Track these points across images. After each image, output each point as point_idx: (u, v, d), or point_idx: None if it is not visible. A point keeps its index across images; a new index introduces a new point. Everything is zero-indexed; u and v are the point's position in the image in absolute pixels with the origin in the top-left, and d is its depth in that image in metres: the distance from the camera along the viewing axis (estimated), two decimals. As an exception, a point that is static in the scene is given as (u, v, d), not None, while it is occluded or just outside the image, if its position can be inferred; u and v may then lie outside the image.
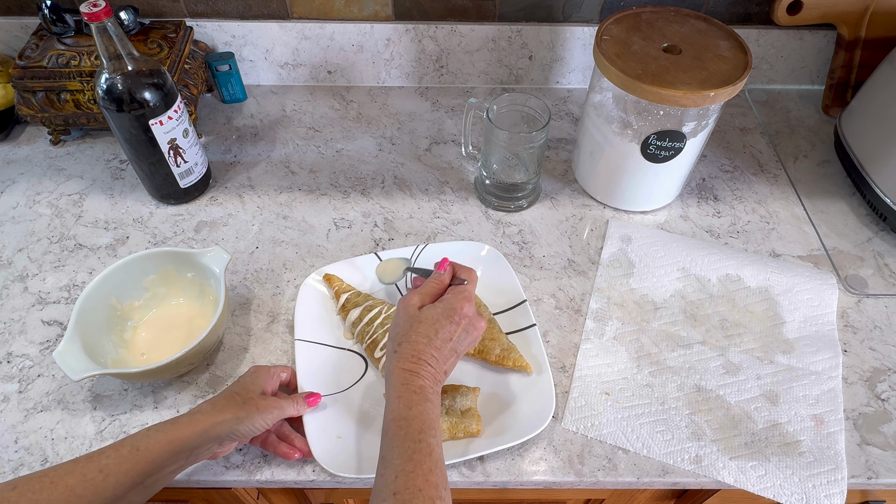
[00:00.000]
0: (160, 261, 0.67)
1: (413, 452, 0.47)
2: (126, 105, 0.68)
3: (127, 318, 0.67)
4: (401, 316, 0.55)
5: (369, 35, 0.93)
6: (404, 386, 0.50)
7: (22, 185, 0.83)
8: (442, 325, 0.53)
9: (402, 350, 0.52)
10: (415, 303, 0.55)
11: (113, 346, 0.64)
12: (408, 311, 0.55)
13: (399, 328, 0.54)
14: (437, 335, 0.53)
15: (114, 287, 0.65)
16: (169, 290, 0.69)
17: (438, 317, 0.54)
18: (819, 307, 0.71)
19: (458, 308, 0.55)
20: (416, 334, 0.53)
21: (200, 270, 0.67)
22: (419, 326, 0.53)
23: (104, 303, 0.64)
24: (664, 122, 0.70)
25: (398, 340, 0.53)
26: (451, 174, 0.87)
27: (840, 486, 0.58)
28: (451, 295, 0.56)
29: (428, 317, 0.54)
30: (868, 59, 0.89)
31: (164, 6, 0.89)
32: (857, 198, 0.84)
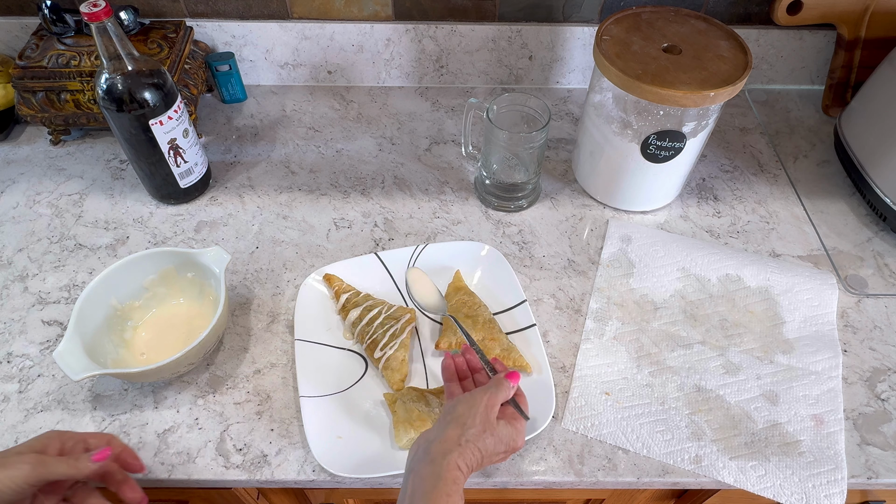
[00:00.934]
0: (160, 261, 0.67)
1: None
2: (126, 105, 0.68)
3: (127, 318, 0.67)
4: (480, 412, 0.52)
5: (369, 35, 0.93)
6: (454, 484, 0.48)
7: (22, 185, 0.83)
8: (497, 451, 0.52)
9: (469, 449, 0.50)
10: (493, 405, 0.53)
11: (113, 346, 0.64)
12: (488, 413, 0.52)
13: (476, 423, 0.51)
14: (490, 456, 0.52)
15: (114, 287, 0.65)
16: (169, 290, 0.69)
17: (502, 439, 0.52)
18: (819, 307, 0.71)
19: (516, 445, 0.54)
20: (483, 439, 0.51)
21: (200, 270, 0.67)
22: (489, 439, 0.51)
23: (104, 303, 0.64)
24: (664, 122, 0.70)
25: (466, 436, 0.50)
26: (451, 174, 0.87)
27: (840, 486, 0.58)
28: (521, 426, 0.55)
29: (499, 434, 0.52)
30: (868, 59, 0.89)
31: (164, 6, 0.89)
32: (857, 198, 0.84)
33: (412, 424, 0.58)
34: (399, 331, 0.65)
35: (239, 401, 0.63)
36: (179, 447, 0.60)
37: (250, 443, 0.60)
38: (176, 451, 0.60)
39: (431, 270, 0.73)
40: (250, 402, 0.63)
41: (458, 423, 0.51)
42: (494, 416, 0.53)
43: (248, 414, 0.62)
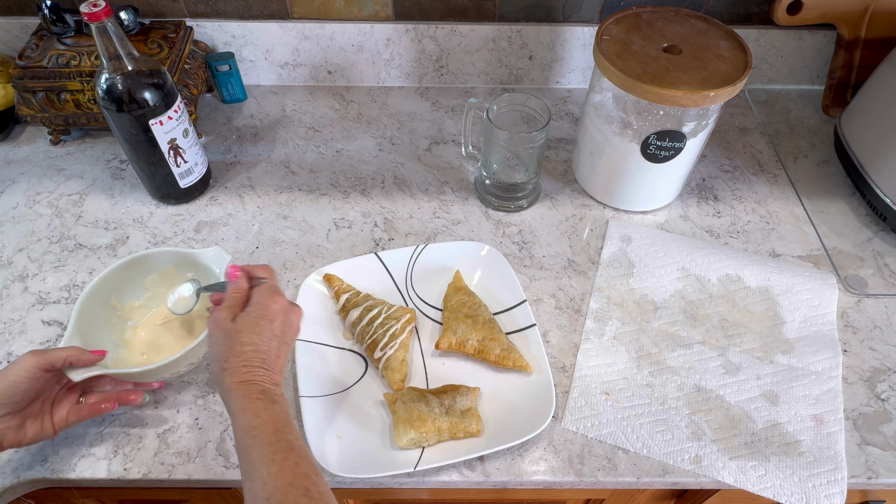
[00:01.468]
0: (160, 261, 0.67)
1: (273, 454, 0.46)
2: (126, 105, 0.68)
3: (127, 317, 0.67)
4: (216, 334, 0.52)
5: (369, 35, 0.93)
6: (245, 398, 0.49)
7: (22, 185, 0.83)
8: (262, 327, 0.52)
9: (231, 364, 0.50)
10: (225, 317, 0.53)
11: (113, 345, 0.64)
12: (221, 326, 0.52)
13: (220, 346, 0.52)
14: (260, 338, 0.52)
15: (114, 287, 0.65)
16: (169, 290, 0.69)
17: (255, 319, 0.52)
18: (819, 307, 0.71)
19: (269, 304, 0.53)
20: (240, 345, 0.51)
21: (201, 270, 0.67)
22: (239, 336, 0.51)
23: (104, 303, 0.64)
24: (664, 122, 0.70)
25: (223, 358, 0.51)
26: (451, 174, 0.87)
27: (840, 486, 0.58)
28: (258, 295, 0.54)
29: (245, 324, 0.52)
30: (868, 59, 0.89)
31: (164, 6, 0.89)
32: (857, 198, 0.84)
33: (412, 424, 0.58)
34: (399, 331, 0.65)
35: (239, 401, 0.63)
36: (179, 447, 0.60)
37: (250, 443, 0.60)
38: (176, 451, 0.60)
39: (431, 270, 0.73)
40: (250, 402, 0.63)
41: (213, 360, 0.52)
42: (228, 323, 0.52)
43: (248, 414, 0.62)
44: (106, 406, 0.57)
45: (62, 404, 0.56)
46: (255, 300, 0.54)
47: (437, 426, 0.58)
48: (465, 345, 0.65)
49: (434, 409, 0.60)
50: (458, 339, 0.66)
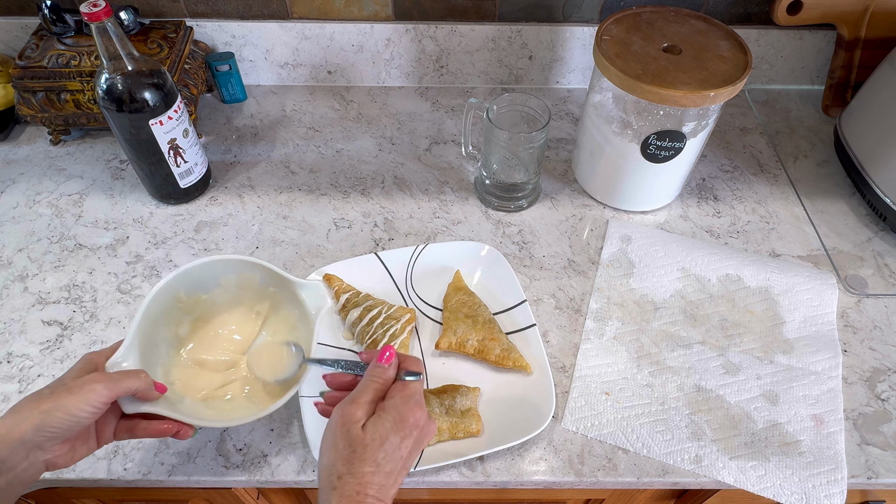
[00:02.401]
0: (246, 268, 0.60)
1: None
2: (126, 105, 0.68)
3: (188, 311, 0.61)
4: (338, 434, 0.44)
5: (369, 35, 0.93)
6: None
7: (22, 185, 0.83)
8: (392, 445, 0.44)
9: (344, 484, 0.42)
10: (358, 419, 0.45)
11: (165, 344, 0.58)
12: (348, 429, 0.44)
13: (337, 454, 0.44)
14: (386, 459, 0.44)
15: (186, 282, 0.59)
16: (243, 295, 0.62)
17: (387, 434, 0.44)
18: (819, 307, 0.71)
19: (408, 419, 0.45)
20: (362, 463, 0.43)
21: (289, 298, 0.61)
22: (364, 452, 0.43)
23: (172, 294, 0.58)
24: (664, 122, 0.70)
25: (337, 473, 0.43)
26: (451, 174, 0.87)
27: (840, 486, 0.58)
28: (400, 399, 0.46)
29: (375, 438, 0.44)
30: (868, 59, 0.89)
31: (164, 6, 0.89)
32: (857, 198, 0.84)
33: (412, 424, 0.58)
34: (399, 331, 0.65)
35: (239, 401, 0.63)
36: (179, 447, 0.60)
37: (250, 443, 0.60)
38: (176, 451, 0.60)
39: (431, 270, 0.73)
40: (250, 402, 0.63)
41: (323, 464, 0.45)
42: (357, 429, 0.44)
43: (248, 414, 0.62)
44: (167, 428, 0.51)
45: (107, 420, 0.50)
46: (392, 404, 0.46)
47: (437, 426, 0.58)
48: (465, 345, 0.65)
49: (434, 409, 0.60)
50: (458, 339, 0.66)
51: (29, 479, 0.45)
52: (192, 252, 0.76)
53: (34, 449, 0.44)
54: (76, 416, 0.45)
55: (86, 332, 0.68)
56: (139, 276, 0.73)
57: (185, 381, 0.58)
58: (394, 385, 0.48)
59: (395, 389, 0.47)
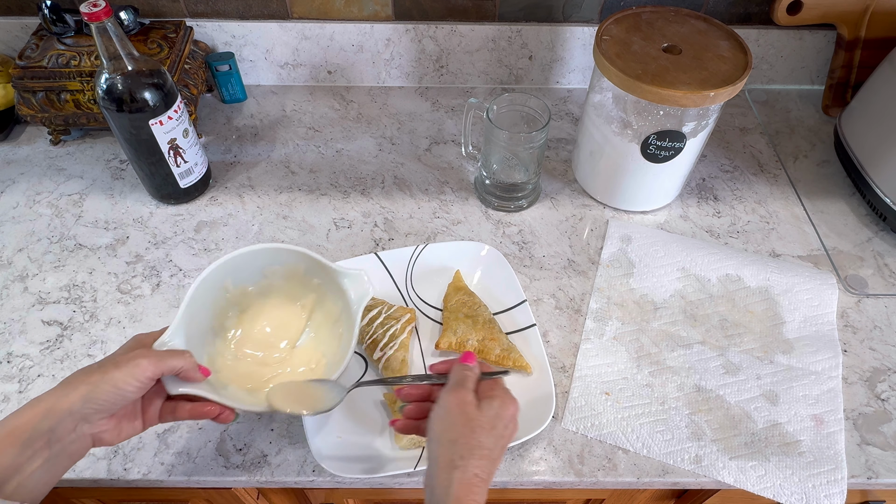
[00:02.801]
0: (292, 259, 0.60)
1: None
2: (126, 105, 0.68)
3: (235, 302, 0.61)
4: (455, 414, 0.47)
5: (369, 35, 0.93)
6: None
7: (22, 185, 0.83)
8: (498, 430, 0.48)
9: (466, 465, 0.45)
10: (472, 401, 0.48)
11: (212, 334, 0.59)
12: (466, 410, 0.47)
13: (455, 433, 0.46)
14: (496, 444, 0.47)
15: (234, 269, 0.58)
16: (288, 286, 0.62)
17: (494, 419, 0.48)
18: (819, 307, 0.71)
19: (508, 405, 0.49)
20: (479, 446, 0.46)
21: (332, 287, 0.60)
22: (480, 433, 0.46)
23: (219, 284, 0.58)
24: (664, 122, 0.70)
25: (459, 453, 0.46)
26: (451, 174, 0.87)
27: (840, 486, 0.58)
28: (500, 391, 0.50)
29: (487, 418, 0.47)
30: (868, 59, 0.89)
31: (164, 6, 0.89)
32: (857, 198, 0.84)
33: (412, 424, 0.58)
34: (399, 331, 0.65)
35: (239, 401, 0.63)
36: (179, 447, 0.60)
37: (250, 443, 0.60)
38: (176, 452, 0.60)
39: (431, 270, 0.73)
40: (250, 402, 0.63)
41: (444, 444, 0.47)
42: (474, 409, 0.48)
43: (247, 414, 0.62)
44: (210, 409, 0.51)
45: (153, 401, 0.51)
46: (496, 394, 0.49)
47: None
48: (465, 345, 0.65)
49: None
50: (458, 339, 0.66)
51: (76, 454, 0.46)
52: (192, 252, 0.76)
53: (81, 421, 0.45)
54: (122, 390, 0.46)
55: (86, 333, 0.68)
56: (139, 276, 0.73)
57: (231, 371, 0.58)
58: (485, 382, 0.51)
59: (490, 384, 0.51)
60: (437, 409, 0.49)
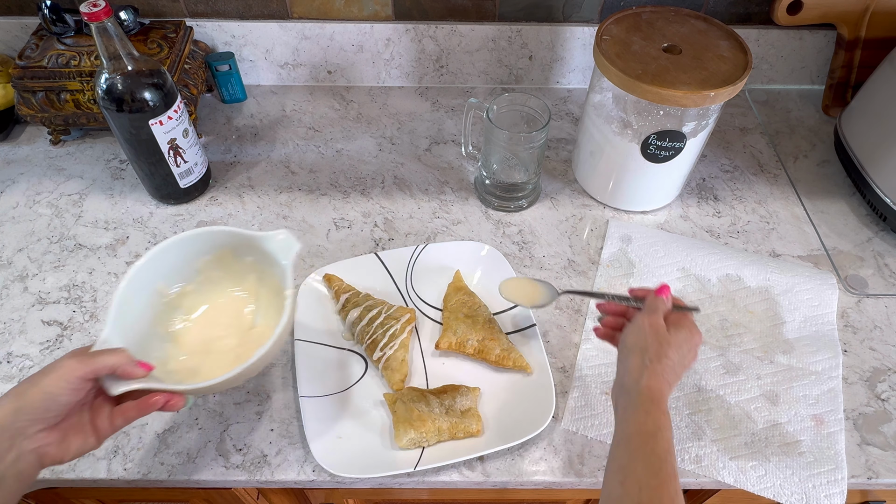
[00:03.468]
0: (216, 242, 0.60)
1: (659, 470, 0.46)
2: (126, 105, 0.68)
3: (176, 305, 0.60)
4: (649, 334, 0.53)
5: (369, 35, 0.93)
6: (654, 404, 0.49)
7: (22, 185, 0.83)
8: (684, 352, 0.53)
9: (655, 369, 0.51)
10: (662, 324, 0.54)
11: (159, 339, 0.58)
12: (658, 330, 0.53)
13: (648, 344, 0.53)
14: (681, 361, 0.53)
15: (161, 270, 0.57)
16: (225, 274, 0.62)
17: (683, 341, 0.53)
18: (819, 307, 0.71)
19: (694, 334, 0.55)
20: (666, 356, 0.52)
21: (262, 256, 0.60)
22: (669, 348, 0.52)
23: (149, 288, 0.57)
24: (664, 122, 0.70)
25: (650, 357, 0.52)
26: (451, 174, 0.87)
27: (840, 486, 0.58)
28: (688, 321, 0.56)
29: (676, 339, 0.53)
30: (868, 59, 0.89)
31: (164, 6, 0.89)
32: (857, 198, 0.84)
33: (412, 424, 0.58)
34: (399, 331, 0.65)
35: (239, 401, 0.63)
36: (179, 447, 0.60)
37: (250, 443, 0.60)
38: (176, 451, 0.60)
39: (431, 270, 0.73)
40: (250, 402, 0.63)
41: (636, 352, 0.53)
42: (664, 330, 0.53)
43: (248, 414, 0.62)
44: (155, 400, 0.49)
45: (101, 410, 0.49)
46: (684, 324, 0.55)
47: (437, 426, 0.58)
48: (465, 345, 0.65)
49: (434, 409, 0.60)
50: (458, 339, 0.66)
51: (23, 475, 0.44)
52: (192, 252, 0.76)
53: (17, 436, 0.44)
54: (51, 394, 0.45)
55: (85, 332, 0.68)
56: (139, 276, 0.73)
57: (187, 372, 0.57)
58: (675, 314, 0.56)
59: (678, 316, 0.56)
60: (632, 326, 0.55)
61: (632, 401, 0.50)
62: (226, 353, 0.60)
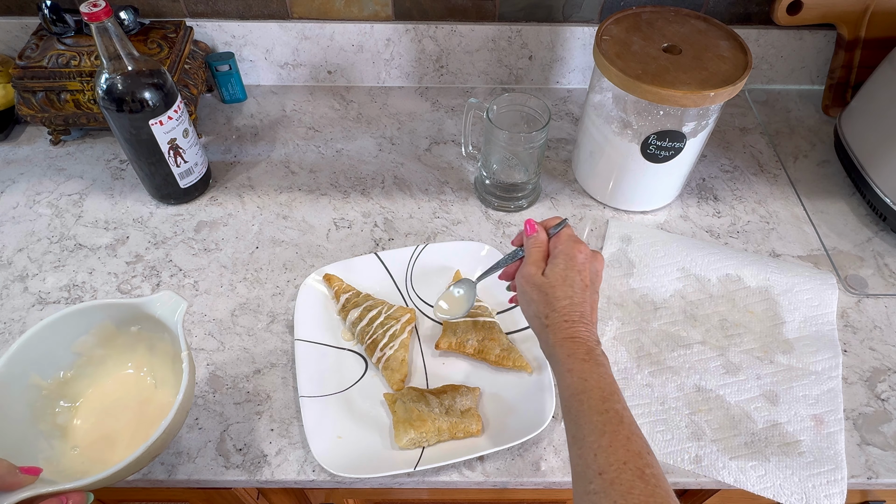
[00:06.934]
0: (90, 318, 0.54)
1: (603, 424, 0.44)
2: (126, 105, 0.68)
3: (58, 395, 0.54)
4: (529, 291, 0.52)
5: (369, 35, 0.93)
6: (571, 356, 0.47)
7: (22, 185, 0.83)
8: (572, 279, 0.51)
9: (552, 321, 0.49)
10: (533, 272, 0.52)
11: (45, 438, 0.52)
12: (533, 281, 0.52)
13: (535, 303, 0.51)
14: (573, 290, 0.50)
15: (31, 361, 0.51)
16: (109, 352, 0.57)
17: (564, 272, 0.51)
18: (819, 307, 0.71)
19: (575, 254, 0.52)
20: (555, 299, 0.50)
21: (148, 322, 0.55)
22: (553, 290, 0.50)
23: (22, 383, 0.51)
24: (664, 122, 0.70)
25: (543, 314, 0.50)
26: (451, 174, 0.87)
27: (840, 486, 0.58)
28: (562, 246, 0.53)
29: (555, 277, 0.51)
30: (868, 59, 0.89)
31: (164, 6, 0.89)
32: (857, 198, 0.84)
33: (412, 424, 0.58)
34: (399, 331, 0.65)
35: (239, 401, 0.63)
36: (179, 447, 0.60)
37: (250, 443, 0.60)
38: (176, 451, 0.60)
39: (431, 270, 0.73)
40: (250, 402, 0.63)
41: (530, 318, 0.53)
42: (538, 277, 0.52)
43: (248, 414, 0.62)
44: None
45: None
46: (559, 251, 0.53)
47: (437, 426, 0.58)
48: (464, 345, 0.65)
49: (434, 409, 0.60)
50: (457, 339, 0.66)
51: None
52: (192, 252, 0.76)
53: None
54: None
55: (86, 332, 0.68)
56: (139, 277, 0.73)
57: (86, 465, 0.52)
58: (550, 241, 0.55)
59: (553, 242, 0.55)
60: (518, 294, 0.55)
61: (554, 367, 0.49)
62: (126, 436, 0.55)
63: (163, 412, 0.49)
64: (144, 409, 0.57)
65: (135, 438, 0.55)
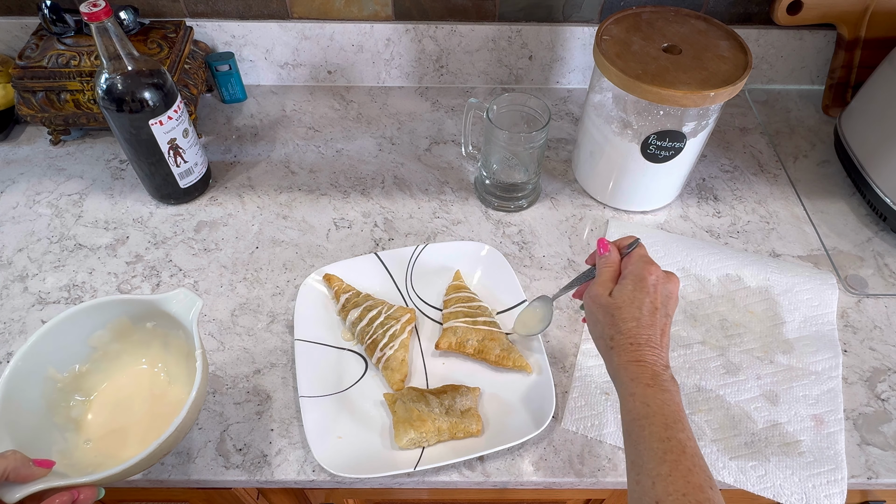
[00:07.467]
0: (109, 314, 0.55)
1: (664, 453, 0.43)
2: (126, 105, 0.68)
3: (73, 389, 0.55)
4: (595, 311, 0.51)
5: (369, 35, 0.93)
6: (635, 381, 0.46)
7: (22, 185, 0.83)
8: (641, 300, 0.49)
9: (618, 343, 0.48)
10: (601, 292, 0.51)
11: (59, 431, 0.52)
12: (599, 302, 0.51)
13: (601, 324, 0.50)
14: (641, 312, 0.49)
15: (48, 354, 0.52)
16: (124, 347, 0.58)
17: (632, 293, 0.50)
18: (819, 307, 0.71)
19: (645, 276, 0.50)
20: (621, 321, 0.49)
21: (163, 319, 0.56)
22: (620, 312, 0.49)
23: (39, 376, 0.52)
24: (664, 122, 0.70)
25: (608, 335, 0.49)
26: (451, 174, 0.87)
27: (840, 486, 0.58)
28: (632, 266, 0.52)
29: (622, 298, 0.50)
30: (868, 59, 0.89)
31: (164, 6, 0.89)
32: (857, 198, 0.84)
33: (412, 424, 0.58)
34: (399, 331, 0.65)
35: (239, 401, 0.63)
36: (179, 447, 0.60)
37: (250, 443, 0.60)
38: (176, 451, 0.60)
39: (431, 270, 0.73)
40: (250, 402, 0.63)
41: (596, 337, 0.52)
42: (605, 298, 0.51)
43: (248, 414, 0.62)
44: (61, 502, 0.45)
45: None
46: (628, 271, 0.51)
47: (437, 426, 0.58)
48: (465, 345, 0.65)
49: (434, 409, 0.60)
50: (458, 339, 0.66)
51: None
52: (192, 252, 0.76)
53: None
54: None
55: (86, 332, 0.68)
56: (139, 276, 0.73)
57: (99, 459, 0.53)
58: (622, 261, 0.54)
59: (624, 262, 0.54)
60: (585, 314, 0.54)
61: (619, 389, 0.48)
62: (138, 431, 0.56)
63: (175, 408, 0.50)
64: (157, 404, 0.58)
65: (147, 434, 0.55)
